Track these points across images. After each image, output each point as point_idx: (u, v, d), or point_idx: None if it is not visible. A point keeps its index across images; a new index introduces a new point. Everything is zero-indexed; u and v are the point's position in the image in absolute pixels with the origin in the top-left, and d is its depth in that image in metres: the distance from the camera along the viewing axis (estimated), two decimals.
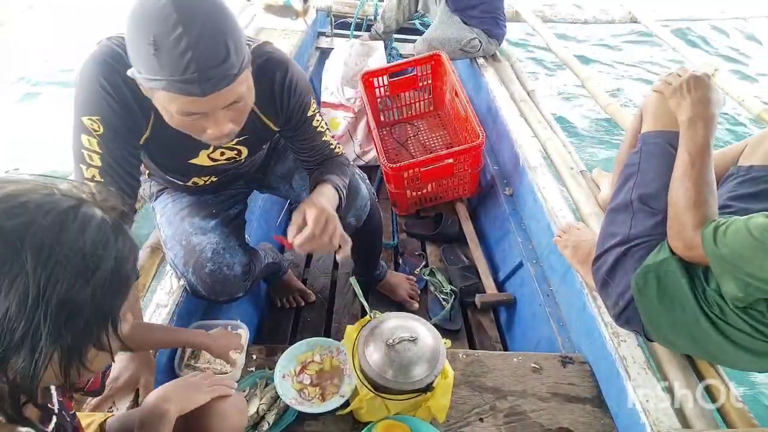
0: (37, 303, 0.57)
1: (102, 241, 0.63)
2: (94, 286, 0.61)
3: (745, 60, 5.71)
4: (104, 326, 0.65)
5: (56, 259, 0.58)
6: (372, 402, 1.23)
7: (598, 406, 1.35)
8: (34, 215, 0.59)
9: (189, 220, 1.44)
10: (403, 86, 2.76)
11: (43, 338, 0.58)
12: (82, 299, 0.60)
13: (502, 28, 2.89)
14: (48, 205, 0.60)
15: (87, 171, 1.10)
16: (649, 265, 1.20)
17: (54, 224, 0.59)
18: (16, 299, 0.56)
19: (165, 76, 0.91)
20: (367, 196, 1.61)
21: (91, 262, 0.61)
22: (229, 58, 0.92)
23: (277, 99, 1.25)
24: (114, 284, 0.64)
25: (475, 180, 2.41)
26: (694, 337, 1.17)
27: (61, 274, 0.58)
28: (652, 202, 1.26)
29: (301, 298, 1.94)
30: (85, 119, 1.07)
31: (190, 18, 0.88)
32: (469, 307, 2.01)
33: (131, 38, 0.92)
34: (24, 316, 0.57)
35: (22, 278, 0.56)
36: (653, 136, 1.32)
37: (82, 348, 0.63)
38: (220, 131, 1.03)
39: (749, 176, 1.25)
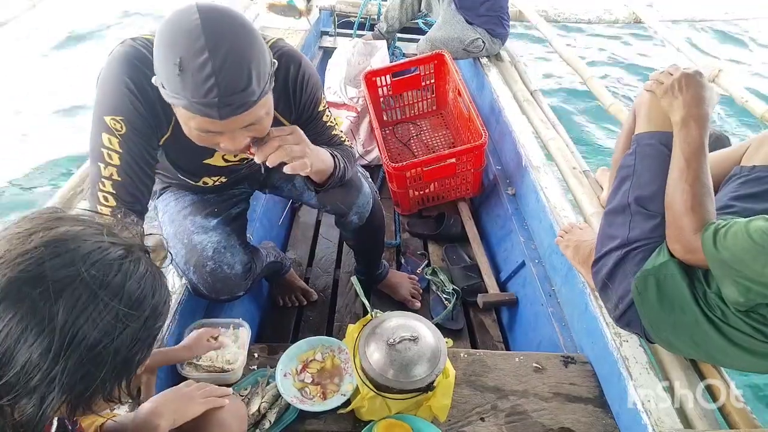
0: (58, 359, 0.56)
1: (139, 298, 0.62)
2: (119, 344, 0.60)
3: (749, 61, 5.70)
4: (119, 381, 0.64)
5: (88, 316, 0.57)
6: (373, 401, 1.23)
7: (599, 406, 1.35)
8: (79, 268, 0.57)
9: (191, 219, 1.44)
10: (406, 86, 2.76)
11: (55, 390, 0.57)
12: (104, 357, 0.59)
13: (505, 28, 2.89)
14: (96, 255, 0.59)
15: (105, 169, 1.11)
16: (649, 269, 1.19)
17: (95, 279, 0.58)
18: (39, 351, 0.55)
19: (187, 96, 0.93)
20: (370, 194, 1.61)
21: (120, 322, 0.60)
22: (250, 85, 0.95)
23: (290, 93, 1.28)
24: (139, 343, 0.63)
25: (478, 180, 2.41)
26: (695, 339, 1.16)
27: (88, 332, 0.57)
28: (650, 204, 1.25)
29: (303, 297, 1.94)
30: (108, 119, 1.08)
31: (217, 43, 0.90)
32: (471, 307, 2.00)
33: (159, 52, 0.95)
34: (43, 369, 0.56)
35: (50, 331, 0.55)
36: (647, 137, 1.31)
37: (92, 398, 0.63)
38: (235, 147, 1.05)
39: (752, 176, 1.24)
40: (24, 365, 0.56)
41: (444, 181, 2.33)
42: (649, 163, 1.28)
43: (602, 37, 5.99)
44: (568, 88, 4.90)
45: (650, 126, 1.31)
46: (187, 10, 0.92)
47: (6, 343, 0.55)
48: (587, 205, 1.77)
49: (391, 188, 2.38)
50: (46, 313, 0.56)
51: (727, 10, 4.21)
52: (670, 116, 1.24)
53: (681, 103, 1.21)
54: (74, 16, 5.33)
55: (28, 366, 0.56)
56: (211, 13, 0.92)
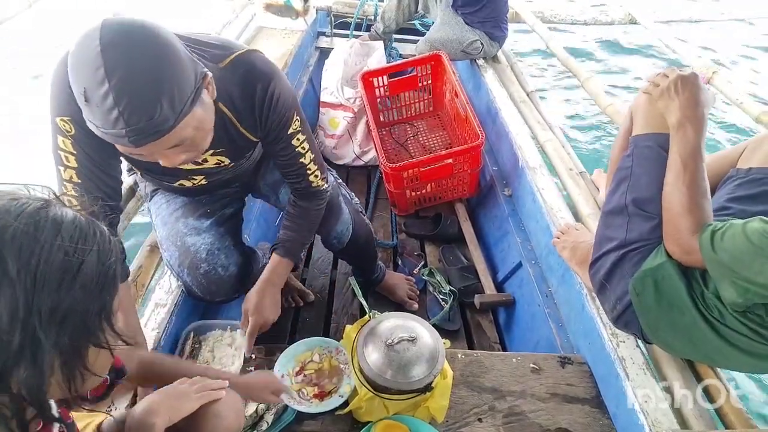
0: (29, 308, 0.55)
1: (80, 236, 0.61)
2: (82, 282, 0.60)
3: (745, 62, 5.72)
4: (99, 322, 0.63)
5: (38, 259, 0.56)
6: (371, 402, 1.23)
7: (596, 406, 1.35)
8: (5, 220, 0.56)
9: (183, 221, 1.43)
10: (403, 86, 2.76)
11: (42, 344, 0.56)
12: (73, 297, 0.59)
13: (504, 32, 2.90)
14: (17, 208, 0.58)
15: (65, 172, 1.10)
16: (647, 270, 1.20)
17: (28, 225, 0.57)
18: (6, 308, 0.54)
19: (97, 126, 0.90)
20: (349, 220, 1.61)
21: (74, 258, 0.59)
22: (161, 112, 0.89)
23: (256, 111, 1.21)
24: (102, 278, 0.62)
25: (475, 180, 2.41)
26: (693, 340, 1.17)
27: (46, 275, 0.56)
28: (647, 205, 1.25)
29: (300, 298, 1.93)
30: (58, 120, 1.06)
31: (118, 72, 0.85)
32: (468, 308, 2.01)
33: (70, 77, 0.90)
34: (18, 325, 0.55)
35: (7, 285, 0.54)
36: (644, 138, 1.32)
37: (82, 349, 0.62)
38: (171, 164, 1.01)
39: (748, 178, 1.25)
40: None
41: (441, 181, 2.33)
42: (646, 165, 1.28)
43: (598, 38, 6.00)
44: (565, 89, 4.91)
45: (647, 128, 1.32)
46: (91, 34, 0.86)
47: None
48: (584, 206, 1.78)
49: (387, 188, 2.38)
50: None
51: (723, 11, 4.23)
52: (666, 118, 1.25)
53: (677, 106, 1.21)
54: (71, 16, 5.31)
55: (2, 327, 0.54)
56: (113, 38, 0.85)
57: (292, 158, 1.34)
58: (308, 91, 2.97)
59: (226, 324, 1.41)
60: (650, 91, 1.30)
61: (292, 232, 1.43)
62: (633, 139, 1.35)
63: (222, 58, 1.13)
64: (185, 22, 4.41)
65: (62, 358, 0.59)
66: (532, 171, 2.02)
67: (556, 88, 4.96)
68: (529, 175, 2.02)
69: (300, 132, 1.31)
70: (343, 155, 2.78)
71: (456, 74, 2.51)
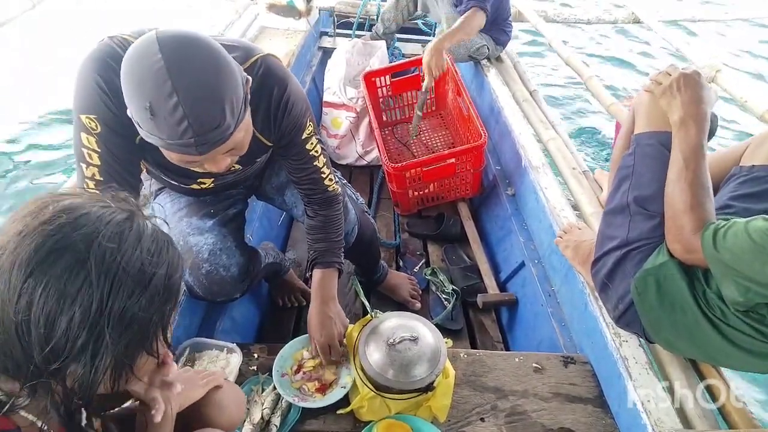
0: (100, 312, 0.59)
1: (156, 249, 0.65)
2: (151, 294, 0.63)
3: (749, 61, 5.70)
4: (156, 332, 0.66)
5: (117, 269, 0.60)
6: (373, 401, 1.23)
7: (599, 406, 1.35)
8: (96, 226, 0.61)
9: (186, 220, 1.43)
10: (406, 86, 2.76)
11: (103, 345, 0.60)
12: (140, 306, 0.62)
13: (508, 35, 2.91)
14: (107, 216, 0.62)
15: (87, 169, 1.10)
16: (649, 269, 1.19)
17: (114, 235, 0.61)
18: (81, 308, 0.58)
19: (162, 138, 0.92)
20: (355, 220, 1.62)
21: (147, 271, 0.63)
22: (225, 121, 0.93)
23: (272, 116, 1.23)
24: (167, 291, 0.66)
25: (478, 180, 2.41)
26: (695, 339, 1.16)
27: (121, 284, 0.60)
28: (649, 204, 1.25)
29: (303, 298, 1.93)
30: (84, 117, 1.07)
31: (185, 85, 0.87)
32: (470, 307, 2.00)
33: (127, 90, 0.91)
34: (87, 325, 0.59)
35: (86, 288, 0.58)
36: (646, 137, 1.31)
37: (135, 354, 0.65)
38: (217, 168, 1.04)
39: (751, 176, 1.24)
40: (68, 327, 0.58)
41: (443, 181, 2.33)
42: (648, 163, 1.28)
43: (602, 37, 5.99)
44: (568, 88, 4.90)
45: (649, 126, 1.31)
46: (149, 48, 0.87)
47: (47, 308, 0.58)
48: (586, 205, 1.77)
49: (390, 188, 2.38)
50: (80, 272, 0.58)
51: (726, 10, 4.21)
52: (668, 116, 1.24)
53: (679, 103, 1.21)
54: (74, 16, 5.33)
55: (72, 326, 0.58)
56: (174, 51, 0.87)
57: (306, 162, 1.36)
58: (311, 91, 2.97)
59: (223, 345, 1.38)
60: (652, 89, 1.29)
61: (322, 242, 1.44)
62: (635, 137, 1.35)
63: (243, 60, 1.15)
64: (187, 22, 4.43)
65: (116, 360, 0.62)
66: (535, 170, 2.01)
67: (558, 87, 4.95)
68: (532, 174, 2.02)
69: (313, 136, 1.33)
70: (345, 155, 2.78)
71: (458, 74, 2.51)
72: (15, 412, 0.61)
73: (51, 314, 0.58)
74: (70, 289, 0.58)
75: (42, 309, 0.58)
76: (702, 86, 1.22)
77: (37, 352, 0.58)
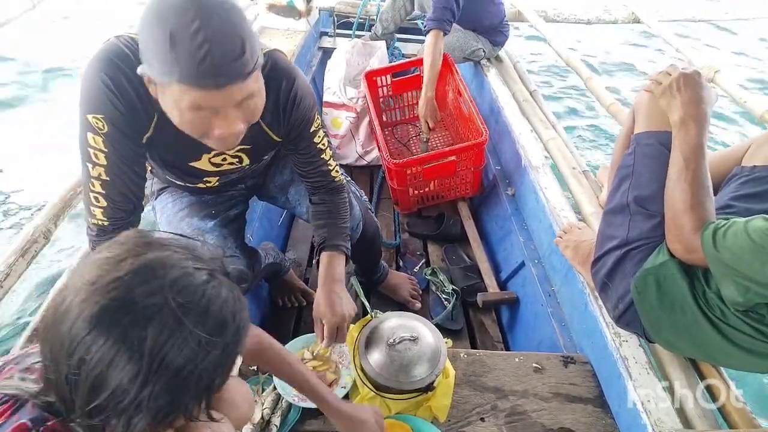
0: (146, 381, 0.59)
1: (220, 325, 0.64)
2: (202, 370, 0.62)
3: (748, 61, 5.70)
4: (200, 403, 0.66)
5: (174, 343, 0.60)
6: (373, 401, 1.23)
7: (599, 406, 1.35)
8: (166, 295, 0.60)
9: (188, 221, 1.43)
10: (406, 86, 2.75)
11: (142, 413, 0.60)
12: (188, 382, 0.62)
13: (505, 35, 2.90)
14: (182, 281, 0.62)
15: (93, 169, 1.09)
16: (649, 269, 1.19)
17: (181, 306, 0.60)
18: (129, 376, 0.58)
19: (180, 69, 0.90)
20: (359, 216, 1.62)
21: (203, 349, 0.62)
22: (244, 54, 0.92)
23: (280, 108, 1.23)
24: (219, 369, 0.65)
25: (478, 179, 2.41)
26: (694, 339, 1.16)
27: (174, 358, 0.60)
28: (649, 204, 1.25)
29: (303, 298, 1.94)
30: (90, 117, 1.06)
31: (207, 13, 0.89)
32: (470, 307, 2.01)
33: (146, 33, 0.92)
34: (132, 391, 0.59)
35: (138, 357, 0.58)
36: (646, 136, 1.31)
37: (175, 418, 0.65)
38: (229, 129, 1.01)
39: (752, 176, 1.24)
40: (114, 389, 0.58)
41: (444, 180, 2.33)
42: (648, 163, 1.28)
43: (601, 37, 5.99)
44: (568, 88, 4.90)
45: (649, 126, 1.31)
46: None
47: (99, 367, 0.58)
48: (586, 205, 1.77)
49: (390, 186, 2.38)
50: (136, 339, 0.58)
51: (726, 10, 4.21)
52: (668, 116, 1.24)
53: (679, 103, 1.21)
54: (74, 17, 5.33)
55: (117, 390, 0.58)
56: None
57: (314, 156, 1.36)
58: None
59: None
60: (652, 89, 1.29)
61: (328, 227, 1.43)
62: (635, 137, 1.35)
63: None
64: None
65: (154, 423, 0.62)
66: (535, 170, 2.02)
67: (558, 86, 4.96)
68: (532, 174, 2.02)
69: (320, 129, 1.34)
70: (346, 155, 2.78)
71: (458, 73, 2.51)
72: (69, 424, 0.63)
73: (100, 375, 0.58)
74: (123, 355, 0.58)
75: (93, 368, 0.58)
76: (702, 86, 1.22)
77: (81, 404, 0.60)
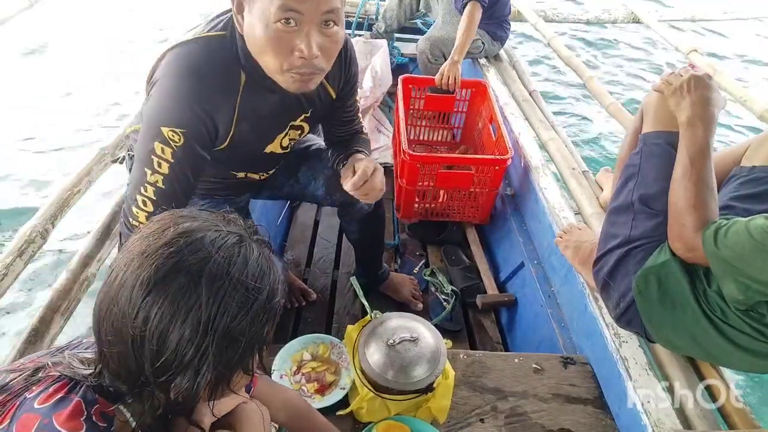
0: (206, 331, 0.64)
1: (260, 274, 0.69)
2: (252, 316, 0.67)
3: (748, 61, 5.70)
4: (254, 351, 0.71)
5: (225, 291, 0.65)
6: (372, 402, 1.22)
7: (599, 407, 1.35)
8: (209, 251, 0.65)
9: None
10: (438, 104, 2.64)
11: (206, 363, 0.65)
12: (242, 328, 0.66)
13: (506, 32, 2.90)
14: (219, 241, 0.67)
15: (151, 176, 1.09)
16: (650, 267, 1.19)
17: (224, 260, 0.66)
18: (190, 327, 0.63)
19: None
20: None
21: (251, 294, 0.67)
22: None
23: (343, 64, 1.30)
24: (267, 314, 0.70)
25: (490, 204, 2.25)
26: (695, 338, 1.16)
27: (227, 306, 0.65)
28: (653, 203, 1.25)
29: (302, 297, 1.93)
30: (167, 130, 1.07)
31: None
32: (470, 308, 2.00)
33: None
34: (195, 343, 0.64)
35: (196, 309, 0.63)
36: (654, 136, 1.32)
37: (233, 371, 0.70)
38: (309, 49, 1.02)
39: (751, 177, 1.24)
40: (177, 344, 0.63)
41: (454, 195, 2.20)
42: (655, 162, 1.28)
43: (601, 36, 5.99)
44: (567, 88, 4.90)
45: (657, 126, 1.31)
46: None
47: (160, 326, 0.63)
48: (586, 205, 1.77)
49: (397, 184, 2.31)
50: (193, 292, 0.63)
51: (726, 10, 4.21)
52: (677, 116, 1.25)
53: (688, 104, 1.21)
54: (72, 16, 5.32)
55: (181, 343, 0.63)
56: None
57: (354, 114, 1.47)
58: None
59: None
60: (662, 89, 1.30)
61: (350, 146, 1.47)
62: (642, 136, 1.35)
63: None
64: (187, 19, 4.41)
65: (216, 375, 0.67)
66: (535, 170, 2.01)
67: (558, 86, 4.95)
68: (532, 174, 2.02)
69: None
70: None
71: (498, 103, 2.38)
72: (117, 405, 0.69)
73: (164, 331, 0.63)
74: (182, 309, 0.63)
75: (156, 326, 0.63)
76: (712, 89, 1.22)
77: (149, 365, 0.64)
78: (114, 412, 0.68)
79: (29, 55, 4.75)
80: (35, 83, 4.36)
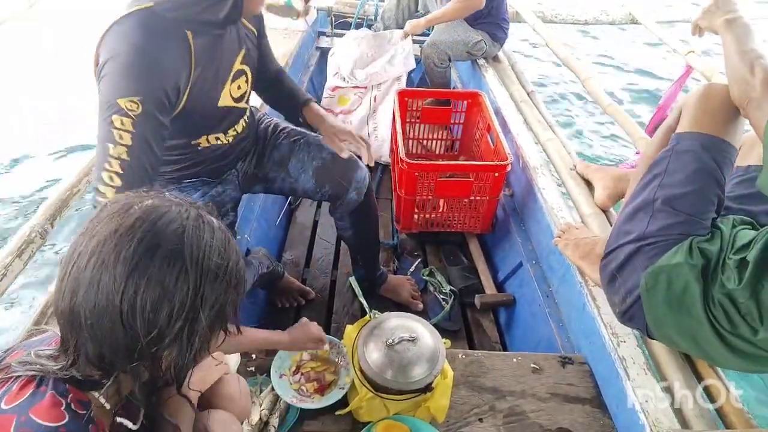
0: (194, 299, 0.66)
1: (225, 239, 0.72)
2: (228, 277, 0.70)
3: None
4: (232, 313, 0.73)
5: (203, 258, 0.67)
6: (371, 402, 1.23)
7: (597, 406, 1.35)
8: (182, 222, 0.67)
9: None
10: (435, 117, 2.64)
11: (197, 329, 0.67)
12: (223, 290, 0.69)
13: (505, 32, 2.91)
14: (185, 213, 0.69)
15: (114, 149, 1.08)
16: (663, 266, 1.17)
17: (196, 229, 0.68)
18: (180, 297, 0.65)
19: None
20: (365, 169, 1.67)
21: (224, 259, 0.70)
22: None
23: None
24: (237, 275, 0.73)
25: (491, 212, 2.21)
26: (697, 341, 1.15)
27: (208, 271, 0.67)
28: (676, 203, 1.21)
29: (301, 297, 1.93)
30: (123, 101, 1.08)
31: None
32: (468, 308, 2.01)
33: None
34: (185, 310, 0.65)
35: (183, 277, 0.65)
36: (689, 136, 1.26)
37: (216, 333, 0.73)
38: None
39: (747, 176, 1.24)
40: (170, 312, 0.65)
41: (454, 204, 2.17)
42: (684, 162, 1.23)
43: (599, 37, 6.00)
44: (565, 88, 4.91)
45: (694, 126, 1.26)
46: None
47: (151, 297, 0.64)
48: (584, 205, 1.77)
49: (396, 195, 2.26)
50: (176, 262, 0.65)
51: None
52: (713, 31, 1.28)
53: (721, 12, 1.25)
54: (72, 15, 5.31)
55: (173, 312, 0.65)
56: None
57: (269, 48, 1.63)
58: (309, 90, 2.97)
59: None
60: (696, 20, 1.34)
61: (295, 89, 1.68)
62: (676, 135, 1.29)
63: None
64: None
65: (201, 341, 0.70)
66: (533, 171, 2.02)
67: (556, 87, 4.96)
68: (530, 174, 2.02)
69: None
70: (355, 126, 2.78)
71: (493, 113, 2.33)
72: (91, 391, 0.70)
73: (155, 302, 0.64)
74: (170, 279, 0.64)
75: (147, 298, 0.63)
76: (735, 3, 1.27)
77: (143, 336, 0.64)
78: (89, 398, 0.69)
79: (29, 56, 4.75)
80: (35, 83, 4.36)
